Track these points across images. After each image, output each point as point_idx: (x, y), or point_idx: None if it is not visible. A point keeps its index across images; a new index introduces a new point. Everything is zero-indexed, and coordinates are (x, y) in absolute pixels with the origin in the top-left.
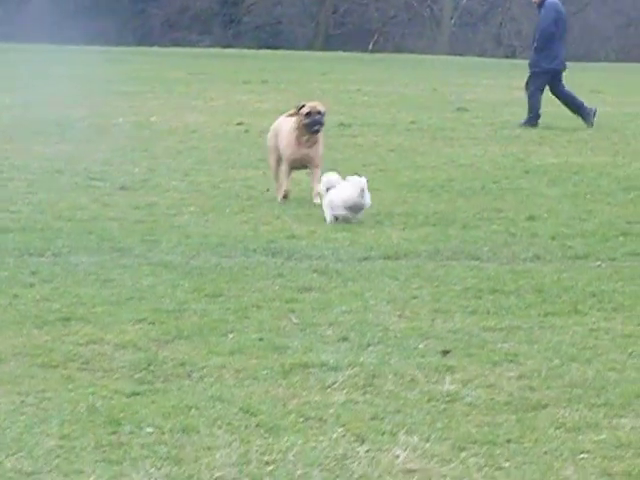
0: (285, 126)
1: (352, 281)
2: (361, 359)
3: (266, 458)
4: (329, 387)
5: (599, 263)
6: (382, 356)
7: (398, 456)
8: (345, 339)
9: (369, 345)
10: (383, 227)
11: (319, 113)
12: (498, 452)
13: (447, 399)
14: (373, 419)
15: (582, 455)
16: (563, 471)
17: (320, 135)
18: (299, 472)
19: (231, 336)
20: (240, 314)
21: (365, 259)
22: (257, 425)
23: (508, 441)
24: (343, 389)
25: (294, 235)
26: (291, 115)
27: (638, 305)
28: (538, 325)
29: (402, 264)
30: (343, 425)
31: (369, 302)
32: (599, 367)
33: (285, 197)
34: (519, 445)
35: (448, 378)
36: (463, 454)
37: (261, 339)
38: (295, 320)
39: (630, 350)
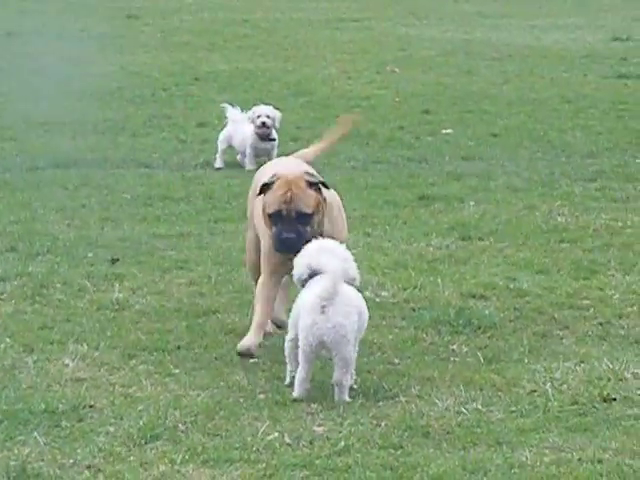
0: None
1: (20, 191)
2: (30, 269)
3: None
4: None
5: None
6: (51, 265)
7: (67, 365)
8: (13, 249)
9: (38, 255)
10: (52, 135)
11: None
12: (168, 358)
13: (116, 307)
14: (42, 328)
15: (252, 360)
16: (233, 376)
17: None
18: None
19: None
20: None
21: (33, 168)
22: None
23: (178, 347)
24: (11, 299)
25: None
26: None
27: None
28: (208, 231)
29: (71, 173)
30: (11, 335)
31: (37, 212)
32: None
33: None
34: (189, 351)
35: (117, 286)
36: (133, 361)
37: None
38: None
39: None
